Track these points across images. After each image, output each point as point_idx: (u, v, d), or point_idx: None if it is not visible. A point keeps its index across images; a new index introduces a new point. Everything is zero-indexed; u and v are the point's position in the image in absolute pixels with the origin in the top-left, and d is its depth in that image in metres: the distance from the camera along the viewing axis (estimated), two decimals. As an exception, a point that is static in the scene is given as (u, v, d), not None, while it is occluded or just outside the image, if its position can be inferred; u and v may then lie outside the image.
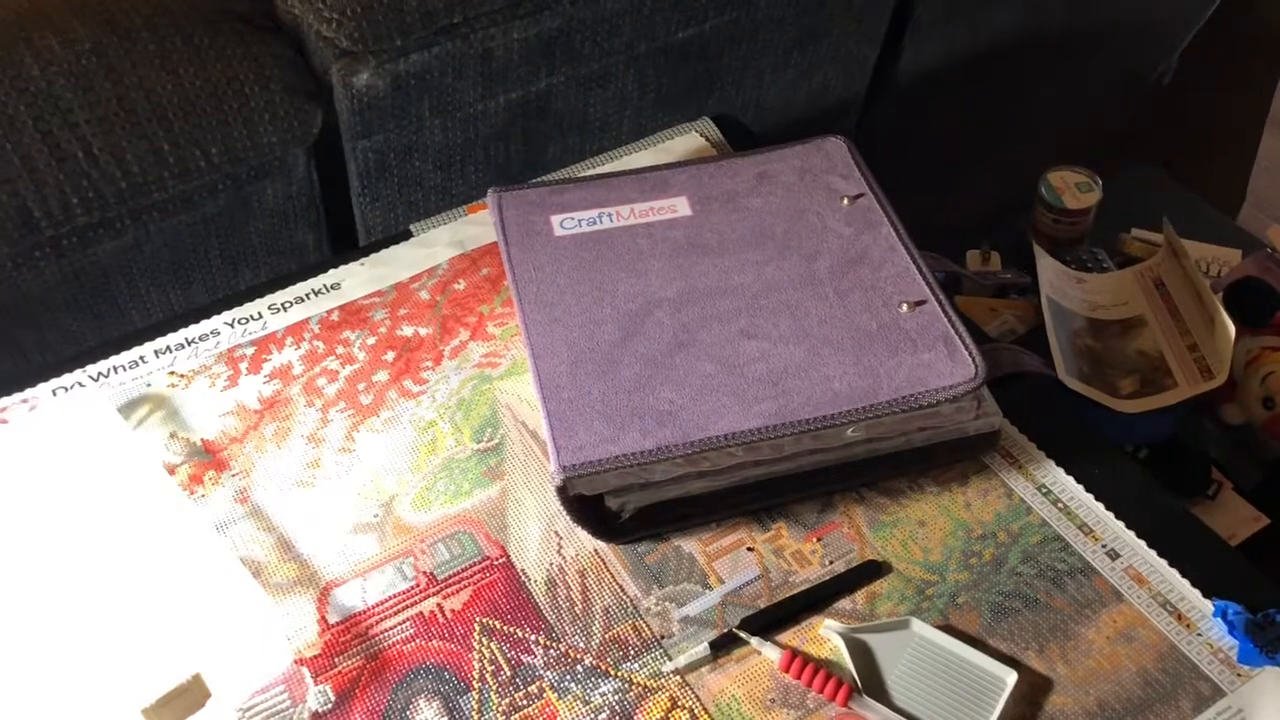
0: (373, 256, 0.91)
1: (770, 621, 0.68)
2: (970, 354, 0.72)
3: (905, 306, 0.75)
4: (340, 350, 0.84)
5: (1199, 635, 0.68)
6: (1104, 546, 0.72)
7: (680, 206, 0.82)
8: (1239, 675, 0.66)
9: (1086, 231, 1.20)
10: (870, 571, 0.71)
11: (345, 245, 1.13)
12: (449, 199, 1.14)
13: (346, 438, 0.79)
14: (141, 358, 0.83)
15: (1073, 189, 1.20)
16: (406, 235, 0.94)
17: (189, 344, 0.84)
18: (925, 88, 1.48)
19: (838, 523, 0.73)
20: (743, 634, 0.67)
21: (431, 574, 0.71)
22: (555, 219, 0.82)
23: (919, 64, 1.45)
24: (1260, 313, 1.10)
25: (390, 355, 0.84)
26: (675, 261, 0.78)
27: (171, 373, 0.82)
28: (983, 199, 1.63)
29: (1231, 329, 1.00)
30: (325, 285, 0.89)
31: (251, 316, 0.87)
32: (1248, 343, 1.06)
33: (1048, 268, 1.10)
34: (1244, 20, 1.86)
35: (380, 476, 0.76)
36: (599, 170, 0.96)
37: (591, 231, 0.81)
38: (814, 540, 0.72)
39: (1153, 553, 0.72)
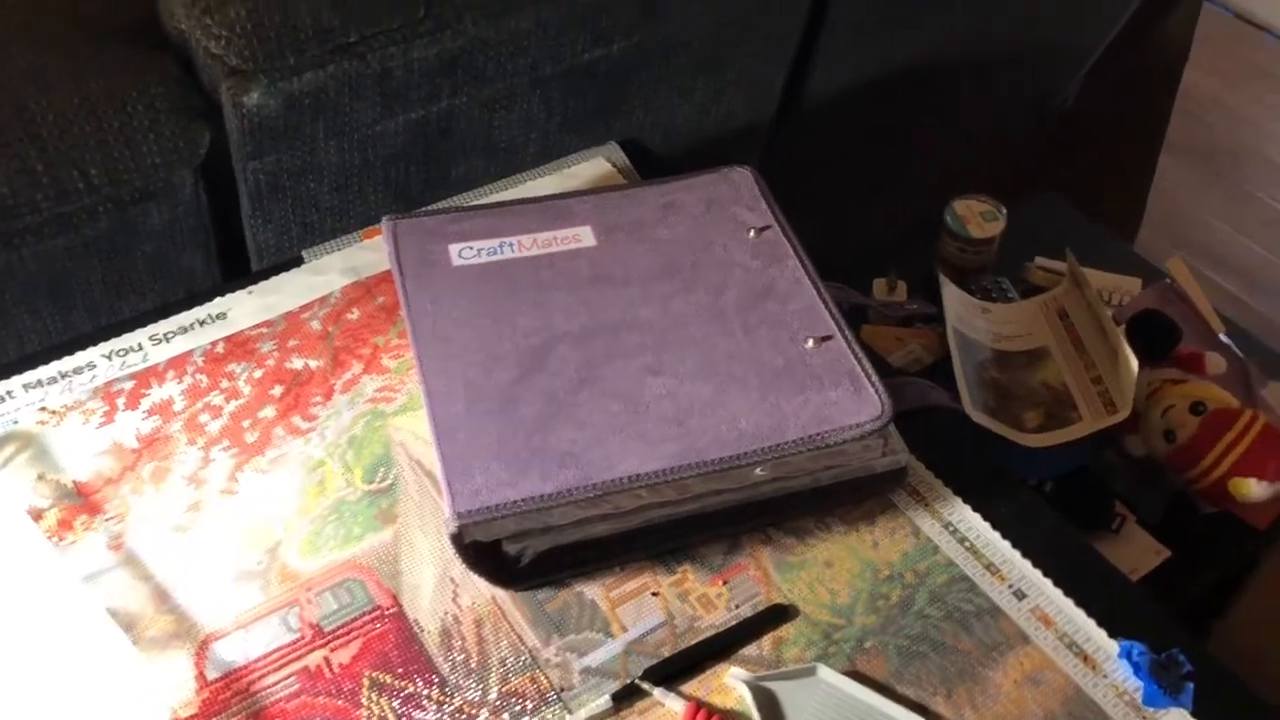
0: (262, 284, 0.87)
1: (674, 671, 0.66)
2: (876, 391, 0.70)
3: (811, 342, 0.73)
4: (225, 384, 0.80)
5: (1105, 677, 0.67)
6: (1010, 586, 0.71)
7: (585, 236, 0.80)
8: (1144, 718, 0.66)
9: (991, 261, 1.20)
10: (776, 616, 0.69)
11: (237, 269, 1.08)
12: (346, 221, 1.10)
13: (230, 479, 0.75)
14: (9, 392, 0.78)
15: (978, 218, 1.20)
16: (298, 261, 0.90)
17: (62, 378, 0.79)
18: (832, 112, 1.48)
19: (744, 564, 0.71)
20: (645, 685, 0.64)
21: (318, 625, 0.67)
22: (453, 248, 0.78)
23: (826, 88, 1.44)
24: (1161, 346, 1.11)
25: (278, 390, 0.80)
26: (579, 294, 0.76)
27: (42, 409, 0.77)
28: (890, 224, 1.63)
29: (1134, 363, 1.00)
30: (211, 315, 0.85)
31: (131, 348, 0.82)
32: (1149, 375, 1.07)
33: (953, 297, 1.10)
34: (1142, 44, 1.90)
35: (265, 520, 0.72)
36: (501, 197, 0.93)
37: (491, 262, 0.78)
38: (720, 583, 0.70)
39: (1058, 592, 0.71)
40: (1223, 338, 1.16)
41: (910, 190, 1.68)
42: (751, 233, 0.80)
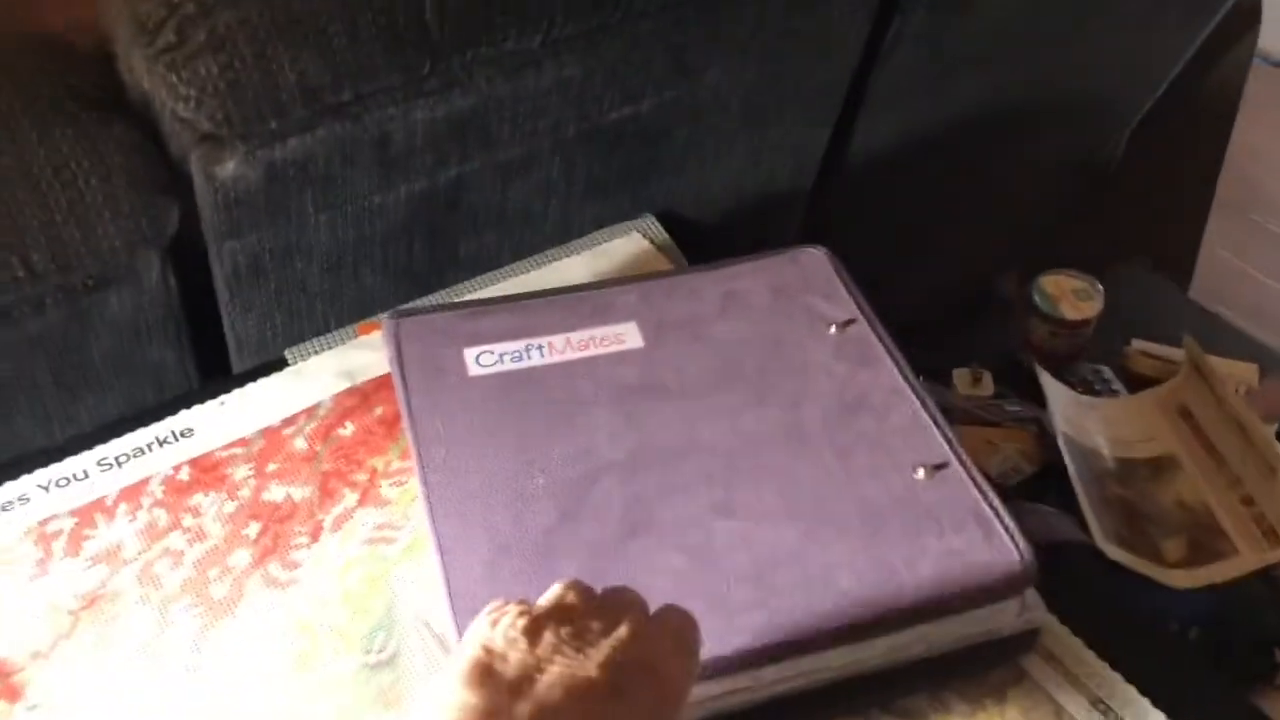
0: (236, 393, 0.72)
1: None
2: (1012, 537, 0.55)
3: (922, 471, 0.58)
4: (189, 522, 0.65)
5: None
6: (1187, 788, 0.56)
7: (629, 336, 0.65)
8: None
9: (1086, 346, 1.05)
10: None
11: (215, 364, 0.93)
12: (338, 306, 0.96)
13: (193, 648, 0.59)
14: (-82, 537, 0.63)
15: (1070, 296, 1.06)
16: (280, 364, 0.75)
17: (-14, 516, 0.64)
18: (873, 174, 1.35)
19: (844, 760, 0.56)
20: None
21: None
22: (469, 354, 0.64)
23: (869, 146, 1.31)
24: None
25: (254, 528, 0.65)
26: (624, 409, 0.61)
27: (-42, 557, 0.62)
28: (933, 298, 1.49)
29: None
30: (174, 432, 0.70)
31: (74, 476, 0.67)
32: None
33: (1057, 393, 0.94)
34: (1190, 98, 1.78)
35: (235, 706, 0.57)
36: (522, 282, 0.78)
37: (516, 370, 0.63)
38: (813, 789, 0.55)
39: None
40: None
41: (954, 258, 1.55)
42: (833, 328, 0.66)
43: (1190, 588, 0.83)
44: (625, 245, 0.83)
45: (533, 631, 0.42)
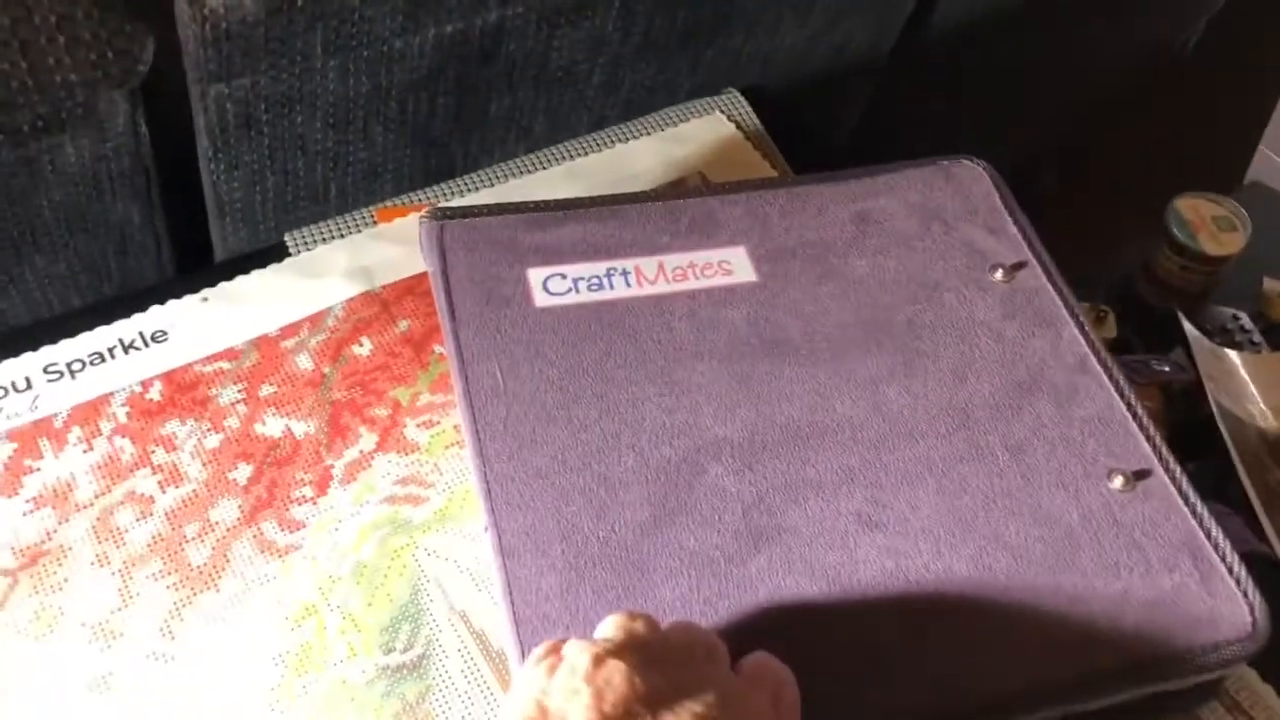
0: (223, 287, 0.58)
1: None
2: (1238, 580, 0.43)
3: (1119, 480, 0.45)
4: (160, 457, 0.51)
5: None
6: None
7: (738, 264, 0.51)
8: None
9: (1218, 285, 0.91)
10: None
11: (191, 235, 0.78)
12: (343, 170, 0.80)
13: (163, 631, 0.46)
14: None
15: (1209, 225, 0.91)
16: (280, 252, 0.60)
17: (-103, 434, 0.50)
18: (951, 48, 1.19)
19: (990, 837, 0.44)
20: None
21: None
22: (535, 276, 0.49)
23: (951, 17, 1.15)
24: None
25: (244, 471, 0.51)
26: (736, 368, 0.47)
27: None
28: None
29: None
30: (142, 334, 0.55)
31: (12, 385, 0.53)
32: None
33: (1203, 349, 0.78)
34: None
35: (218, 710, 0.44)
36: (575, 168, 0.63)
37: (596, 302, 0.49)
38: None
39: None
40: None
41: (1024, 138, 1.40)
42: (999, 273, 0.51)
43: None
44: (705, 129, 0.68)
45: (601, 682, 0.33)
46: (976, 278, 0.51)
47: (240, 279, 0.58)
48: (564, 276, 0.49)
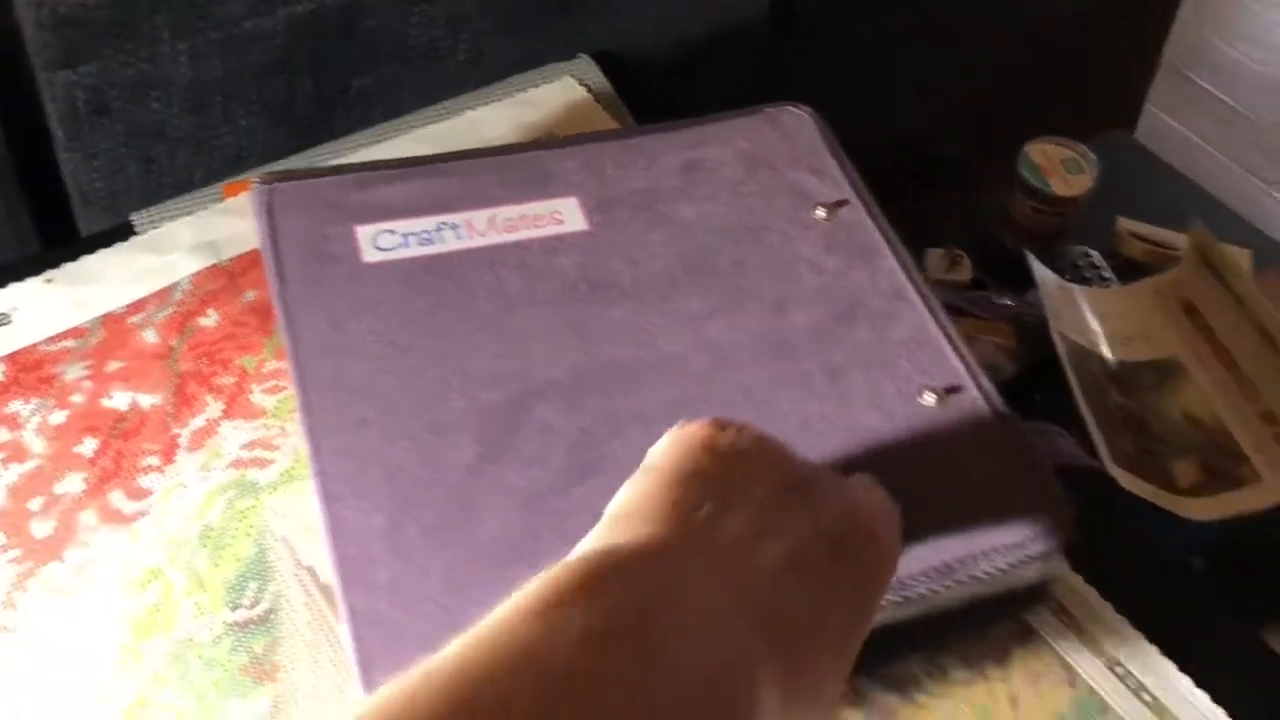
0: (68, 268, 0.58)
1: None
2: (1045, 484, 0.45)
3: (931, 396, 0.47)
4: (4, 435, 0.51)
5: None
6: (1222, 772, 0.48)
7: (569, 214, 0.52)
8: None
9: (1072, 226, 0.94)
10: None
11: (57, 227, 0.78)
12: (208, 155, 0.80)
13: (6, 602, 0.47)
14: None
15: (1059, 169, 0.94)
16: (126, 232, 0.60)
17: None
18: (825, 22, 1.21)
19: (826, 746, 0.46)
20: None
21: None
22: (364, 233, 0.50)
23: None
24: None
25: (90, 445, 0.51)
26: (565, 313, 0.49)
27: None
28: (897, 154, 1.37)
29: None
30: (-15, 317, 0.55)
31: None
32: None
33: (1050, 284, 0.81)
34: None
35: (63, 675, 0.45)
36: (427, 135, 0.64)
37: (426, 256, 0.50)
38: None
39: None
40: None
41: (915, 116, 1.43)
42: (820, 210, 0.53)
43: (1207, 519, 0.74)
44: (555, 93, 0.69)
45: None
46: (800, 217, 0.53)
47: (85, 259, 0.58)
48: (393, 232, 0.50)
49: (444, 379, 0.45)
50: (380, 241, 0.50)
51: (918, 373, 0.48)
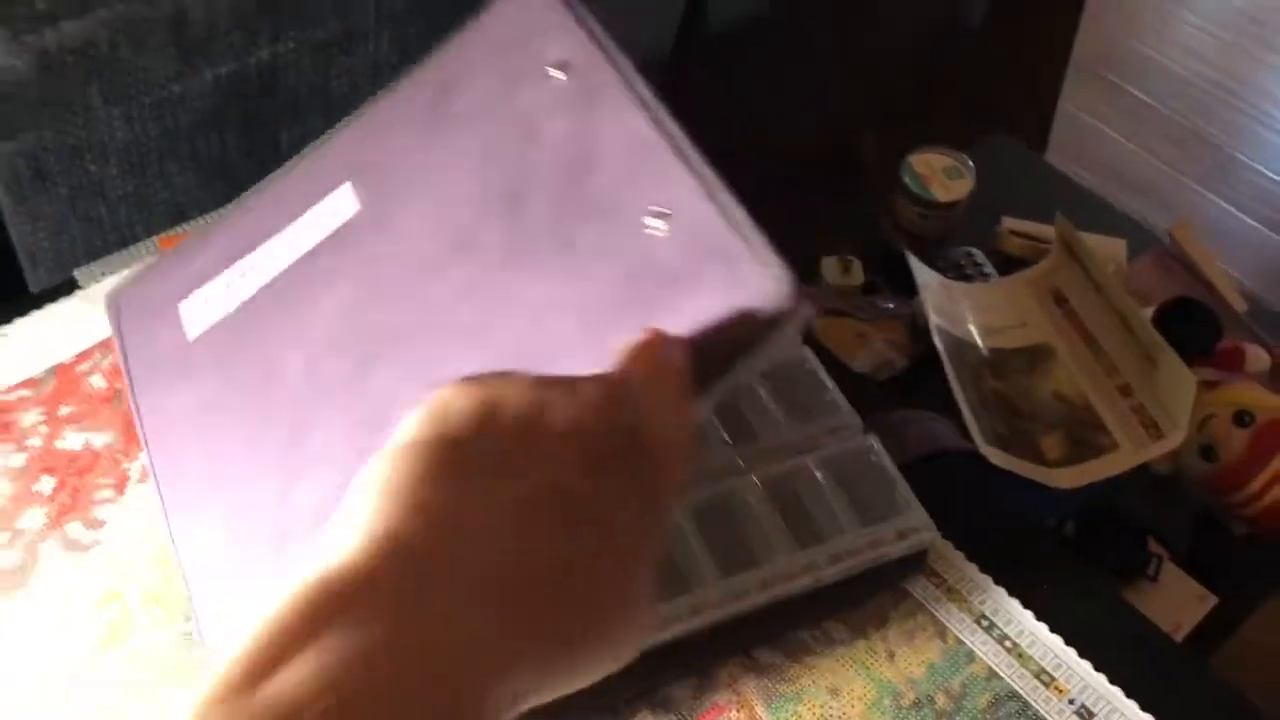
0: (18, 324, 0.63)
1: None
2: (764, 262, 0.41)
3: (657, 223, 0.44)
4: (-24, 487, 0.56)
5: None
6: (1071, 702, 0.54)
7: (343, 201, 0.52)
8: None
9: (957, 228, 1.01)
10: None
11: (10, 281, 0.83)
12: (148, 212, 0.86)
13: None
14: None
15: (940, 176, 1.01)
16: (72, 286, 0.66)
17: None
18: (733, 43, 1.27)
19: (723, 705, 0.52)
20: None
21: None
22: (186, 310, 0.53)
23: (724, 17, 1.23)
24: (1198, 342, 0.89)
25: (47, 483, 0.57)
26: (356, 294, 0.50)
27: None
28: (798, 162, 1.44)
29: (1192, 378, 0.80)
30: (-48, 382, 0.60)
31: None
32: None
33: (931, 281, 0.88)
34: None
35: (30, 691, 0.50)
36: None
37: (243, 306, 0.52)
38: (694, 737, 0.51)
39: (1133, 705, 0.54)
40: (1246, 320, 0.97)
41: (816, 127, 1.49)
42: (552, 72, 0.50)
43: (1073, 487, 0.80)
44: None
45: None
46: (537, 86, 0.50)
47: (35, 314, 0.63)
48: (203, 296, 0.53)
49: (263, 423, 0.48)
50: (197, 314, 0.53)
51: (643, 201, 0.45)
